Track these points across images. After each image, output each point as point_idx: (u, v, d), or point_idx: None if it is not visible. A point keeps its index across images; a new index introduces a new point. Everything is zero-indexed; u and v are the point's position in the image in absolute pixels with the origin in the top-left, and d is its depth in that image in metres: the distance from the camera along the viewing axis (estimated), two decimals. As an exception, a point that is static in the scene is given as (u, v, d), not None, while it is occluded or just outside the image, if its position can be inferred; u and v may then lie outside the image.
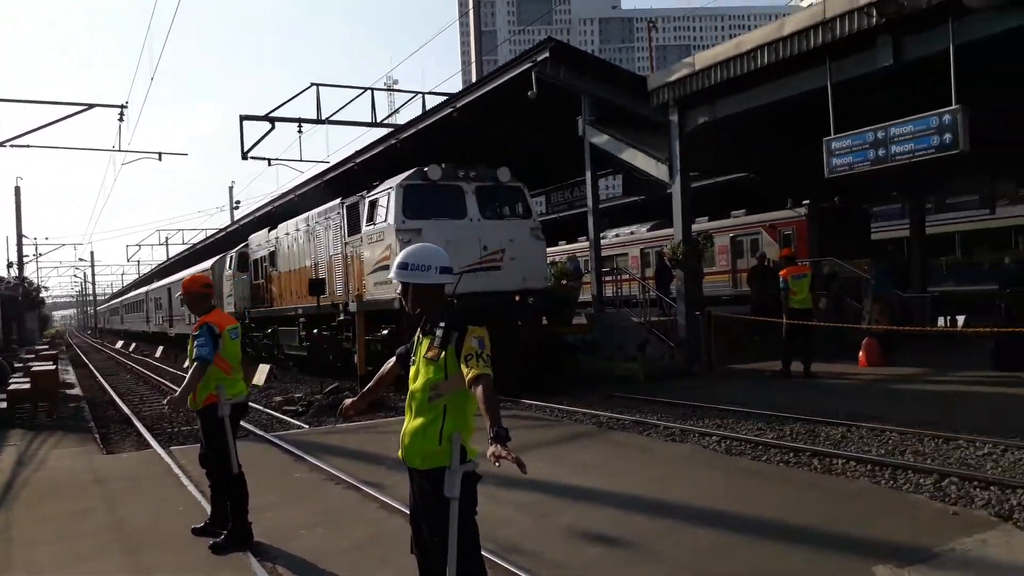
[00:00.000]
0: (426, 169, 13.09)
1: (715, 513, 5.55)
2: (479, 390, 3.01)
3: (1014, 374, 11.23)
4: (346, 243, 15.11)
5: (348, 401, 3.84)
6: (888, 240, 24.60)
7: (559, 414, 10.64)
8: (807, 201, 20.87)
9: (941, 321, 16.91)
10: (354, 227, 14.77)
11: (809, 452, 7.44)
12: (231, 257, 24.66)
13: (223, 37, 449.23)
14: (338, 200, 15.83)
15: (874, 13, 10.73)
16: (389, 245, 12.83)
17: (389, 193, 13.18)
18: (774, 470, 7.05)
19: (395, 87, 44.77)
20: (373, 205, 13.82)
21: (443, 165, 13.18)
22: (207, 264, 28.01)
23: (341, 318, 14.87)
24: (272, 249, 20.47)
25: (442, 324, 3.21)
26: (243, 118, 21.17)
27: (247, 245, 23.38)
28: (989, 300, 14.14)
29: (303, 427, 10.81)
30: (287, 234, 19.29)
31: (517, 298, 13.11)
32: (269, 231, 21.12)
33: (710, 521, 5.37)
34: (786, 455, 7.50)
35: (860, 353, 13.65)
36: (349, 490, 6.63)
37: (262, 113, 20.93)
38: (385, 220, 13.19)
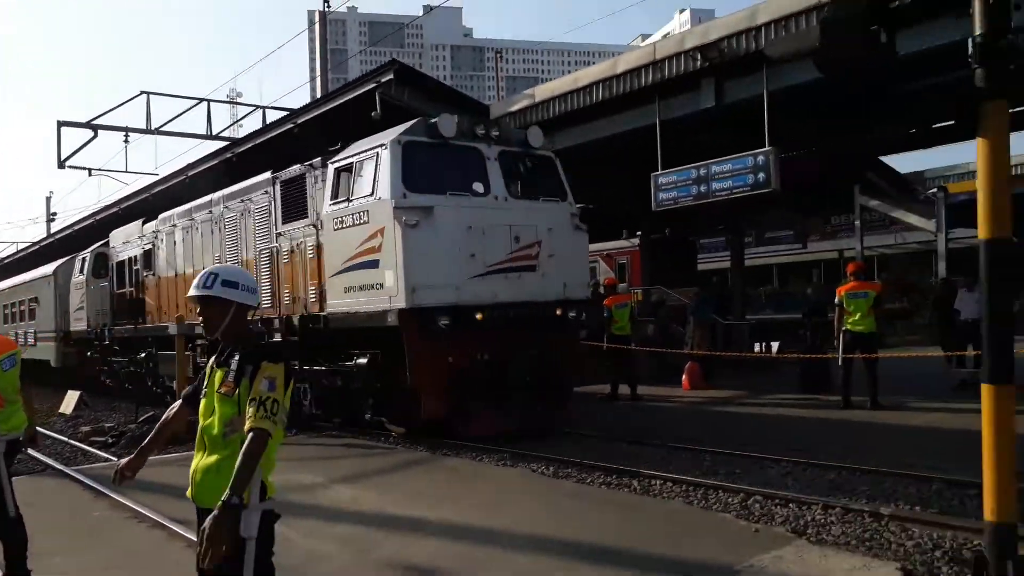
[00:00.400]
0: (435, 120, 9.51)
1: (538, 538, 5.59)
2: (245, 442, 2.84)
3: (815, 396, 12.22)
4: (279, 233, 11.35)
5: (124, 461, 3.41)
6: (713, 270, 26.30)
7: (394, 441, 10.44)
8: (640, 232, 21.94)
9: (757, 347, 18.17)
10: (294, 210, 11.11)
11: (630, 474, 7.68)
12: (84, 259, 19.61)
13: (43, 37, 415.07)
14: (267, 174, 11.86)
15: (699, 57, 11.50)
16: (380, 230, 9.19)
17: (378, 153, 9.43)
18: (597, 492, 7.21)
19: (238, 100, 43.08)
20: (342, 174, 10.00)
21: (457, 117, 9.71)
22: (48, 269, 22.37)
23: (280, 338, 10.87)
24: (148, 247, 15.85)
25: (237, 356, 3.03)
26: (61, 124, 19.75)
27: (107, 243, 18.48)
28: (798, 328, 15.39)
29: (111, 459, 9.96)
30: (174, 226, 14.68)
31: (558, 311, 9.86)
32: (144, 223, 16.48)
33: (533, 546, 5.41)
34: (609, 477, 7.70)
35: (683, 377, 14.40)
36: (154, 528, 6.14)
37: (84, 119, 19.60)
38: (373, 193, 9.38)
